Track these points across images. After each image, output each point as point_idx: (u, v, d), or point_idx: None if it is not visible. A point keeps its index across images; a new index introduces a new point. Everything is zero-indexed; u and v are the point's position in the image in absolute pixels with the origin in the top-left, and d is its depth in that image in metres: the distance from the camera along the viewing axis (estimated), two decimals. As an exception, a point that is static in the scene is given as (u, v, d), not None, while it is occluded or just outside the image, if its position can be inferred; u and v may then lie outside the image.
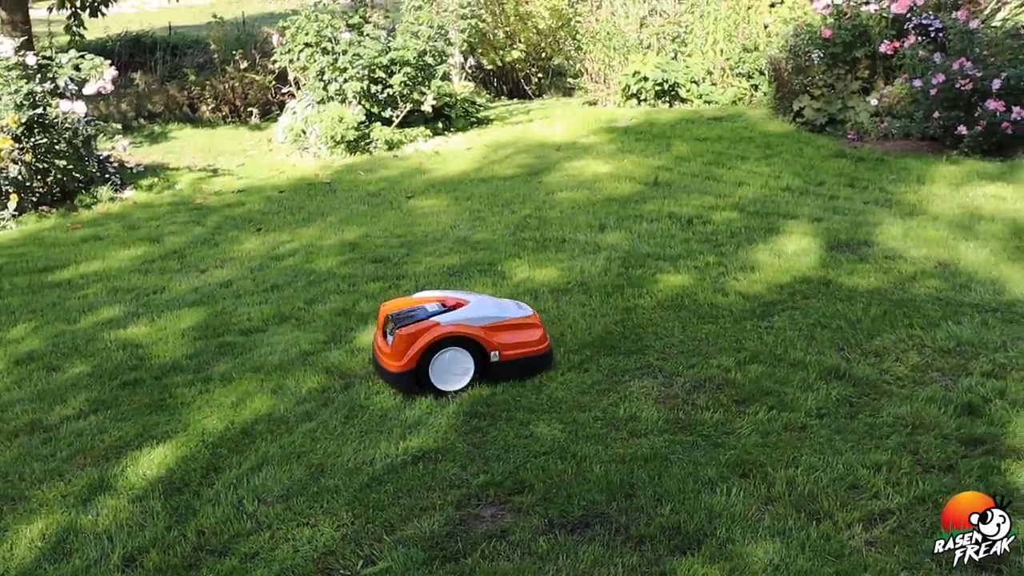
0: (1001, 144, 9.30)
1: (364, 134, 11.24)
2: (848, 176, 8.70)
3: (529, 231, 7.42)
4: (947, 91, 9.47)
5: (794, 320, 5.38)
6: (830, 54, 11.14)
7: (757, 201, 7.96)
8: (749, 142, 10.24)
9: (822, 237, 6.87)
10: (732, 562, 3.29)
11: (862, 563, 3.24)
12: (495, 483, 3.85)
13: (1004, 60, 9.48)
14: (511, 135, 11.63)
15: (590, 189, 8.66)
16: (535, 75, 16.07)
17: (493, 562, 3.35)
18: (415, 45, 11.31)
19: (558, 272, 6.38)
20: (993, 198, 7.81)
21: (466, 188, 9.06)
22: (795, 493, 3.68)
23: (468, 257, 6.82)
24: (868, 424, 4.21)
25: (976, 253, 6.42)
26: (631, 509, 3.64)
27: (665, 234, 7.14)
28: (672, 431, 4.22)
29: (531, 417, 4.40)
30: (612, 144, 10.57)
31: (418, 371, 4.62)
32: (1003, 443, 3.97)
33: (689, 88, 13.06)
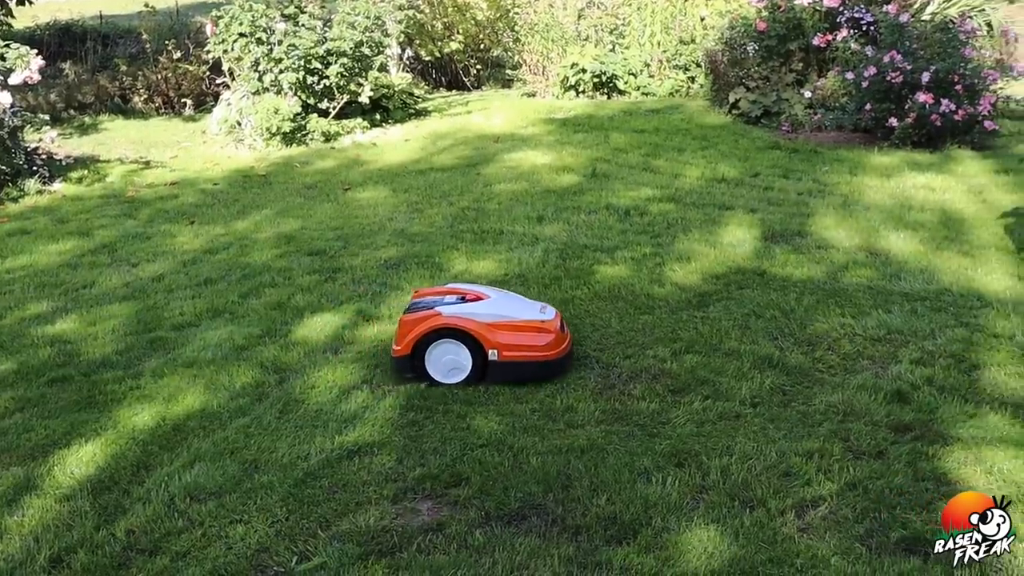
0: (931, 136, 9.48)
1: (300, 126, 11.10)
2: (783, 167, 8.80)
3: (467, 223, 7.39)
4: (878, 84, 9.62)
5: (729, 310, 5.43)
6: (765, 47, 11.27)
7: (694, 192, 8.03)
8: (686, 134, 10.32)
9: (757, 228, 6.95)
10: (667, 551, 3.30)
11: (795, 549, 3.28)
12: (432, 476, 3.83)
13: (933, 53, 9.65)
14: (450, 126, 11.58)
15: (529, 181, 8.65)
16: (474, 67, 16.02)
17: (429, 556, 3.34)
18: (352, 36, 11.18)
19: (496, 264, 6.37)
20: (923, 189, 7.96)
21: (404, 180, 9.00)
22: (729, 481, 3.71)
23: (406, 249, 6.78)
24: (801, 412, 4.26)
25: (906, 243, 6.54)
26: (568, 500, 3.64)
27: (603, 225, 7.16)
28: (609, 422, 4.24)
29: (468, 409, 4.39)
30: (551, 136, 10.58)
31: (413, 358, 4.61)
32: (931, 429, 4.04)
33: (627, 80, 13.13)
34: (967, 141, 9.49)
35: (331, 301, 5.86)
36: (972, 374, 4.57)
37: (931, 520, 3.40)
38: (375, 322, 5.50)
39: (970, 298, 5.50)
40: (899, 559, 3.21)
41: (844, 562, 3.20)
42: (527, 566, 3.26)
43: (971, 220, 7.05)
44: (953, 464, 3.77)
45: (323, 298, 5.91)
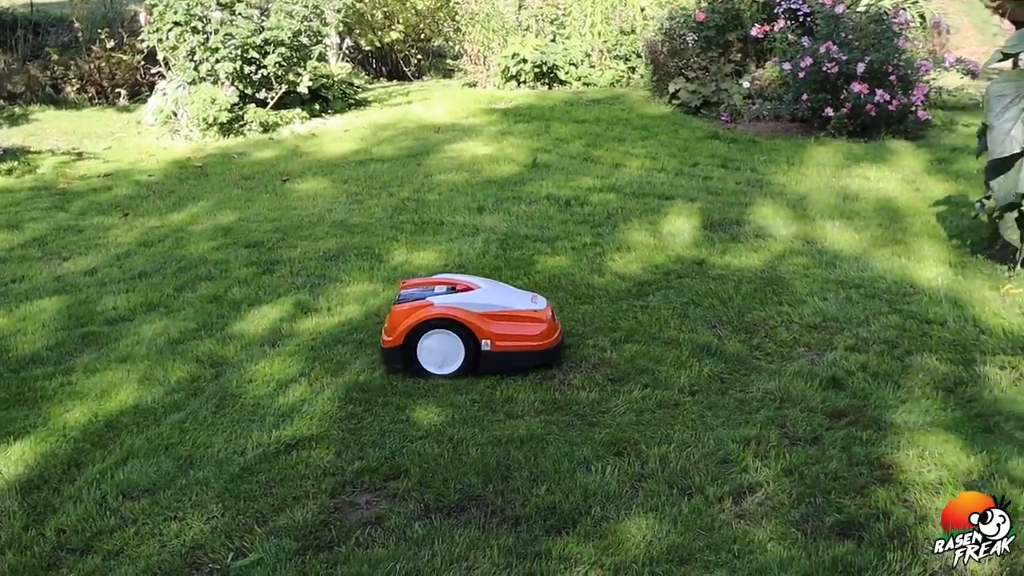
0: (866, 126, 9.64)
1: (238, 116, 10.95)
2: (722, 157, 8.88)
3: (407, 214, 7.35)
4: (815, 74, 9.76)
5: (668, 299, 5.46)
6: (704, 37, 11.37)
7: (634, 182, 8.06)
8: (627, 124, 10.36)
9: (696, 217, 7.00)
10: (606, 540, 3.31)
11: (731, 535, 3.30)
12: (370, 469, 3.80)
13: (868, 44, 9.81)
14: (390, 117, 11.50)
15: (469, 171, 8.63)
16: (415, 56, 15.95)
17: (368, 549, 3.30)
18: (290, 25, 11.04)
19: (436, 255, 6.34)
20: (858, 178, 8.08)
21: (344, 171, 8.91)
22: (668, 469, 3.73)
23: (345, 241, 6.71)
24: (738, 399, 4.30)
25: (842, 231, 6.63)
26: (507, 491, 3.63)
27: (543, 215, 7.16)
28: (548, 412, 4.23)
29: (408, 402, 4.36)
30: (492, 126, 10.55)
31: (405, 349, 4.56)
32: (865, 414, 4.10)
33: (568, 70, 13.15)
34: (901, 131, 9.65)
35: (269, 294, 5.78)
36: (905, 360, 4.65)
37: (865, 504, 3.45)
38: (314, 314, 5.44)
39: (903, 285, 5.59)
40: (834, 543, 3.25)
41: (780, 547, 3.23)
42: (466, 558, 3.24)
43: (904, 209, 7.17)
44: (886, 449, 3.82)
45: (261, 291, 5.83)
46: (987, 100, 5.41)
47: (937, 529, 3.29)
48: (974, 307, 5.25)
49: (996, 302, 5.33)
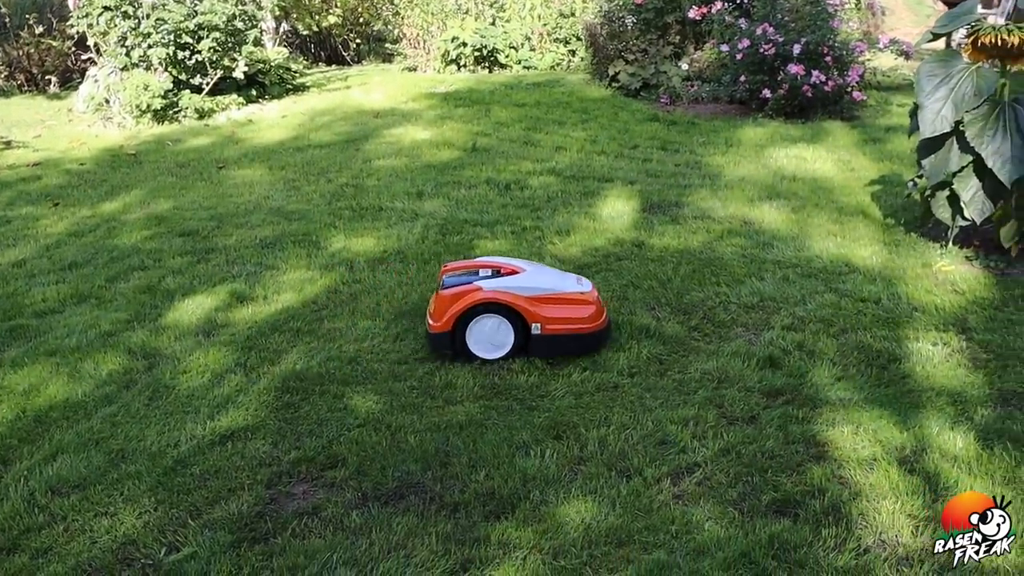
0: (803, 107, 9.73)
1: (172, 102, 10.76)
2: (661, 139, 8.91)
3: (346, 200, 7.27)
4: (752, 56, 9.83)
5: (608, 281, 5.46)
6: (643, 19, 11.39)
7: (574, 165, 8.06)
8: (567, 107, 10.35)
9: (636, 200, 7.01)
10: (545, 524, 3.30)
11: (670, 516, 3.31)
12: (307, 459, 3.75)
13: (804, 26, 9.89)
14: (329, 102, 11.37)
15: (409, 156, 8.56)
16: (353, 41, 15.79)
17: (304, 540, 3.26)
18: (223, 9, 10.86)
19: (375, 241, 6.28)
20: (795, 158, 8.15)
21: (281, 157, 8.80)
22: (607, 452, 3.73)
23: (282, 228, 6.62)
24: (677, 380, 4.31)
25: (779, 212, 6.69)
26: (446, 477, 3.60)
27: (483, 200, 7.13)
28: (488, 397, 4.21)
29: (345, 390, 4.31)
30: (432, 110, 10.48)
31: (454, 334, 4.49)
32: (801, 393, 4.14)
33: (508, 54, 13.11)
34: (837, 112, 9.77)
35: (204, 283, 5.68)
36: (840, 338, 4.70)
37: (801, 482, 3.48)
38: (250, 303, 5.36)
39: (839, 264, 5.65)
40: (770, 521, 3.27)
41: (717, 526, 3.24)
42: (404, 545, 3.21)
43: (840, 188, 7.25)
44: (822, 426, 3.86)
45: (195, 280, 5.73)
46: (918, 80, 5.47)
47: (871, 505, 3.34)
48: (907, 285, 5.33)
49: (929, 279, 5.41)
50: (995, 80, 5.29)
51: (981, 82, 5.26)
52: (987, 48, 5.28)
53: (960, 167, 5.45)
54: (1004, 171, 5.14)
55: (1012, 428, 3.79)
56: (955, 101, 5.29)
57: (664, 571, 3.02)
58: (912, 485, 3.44)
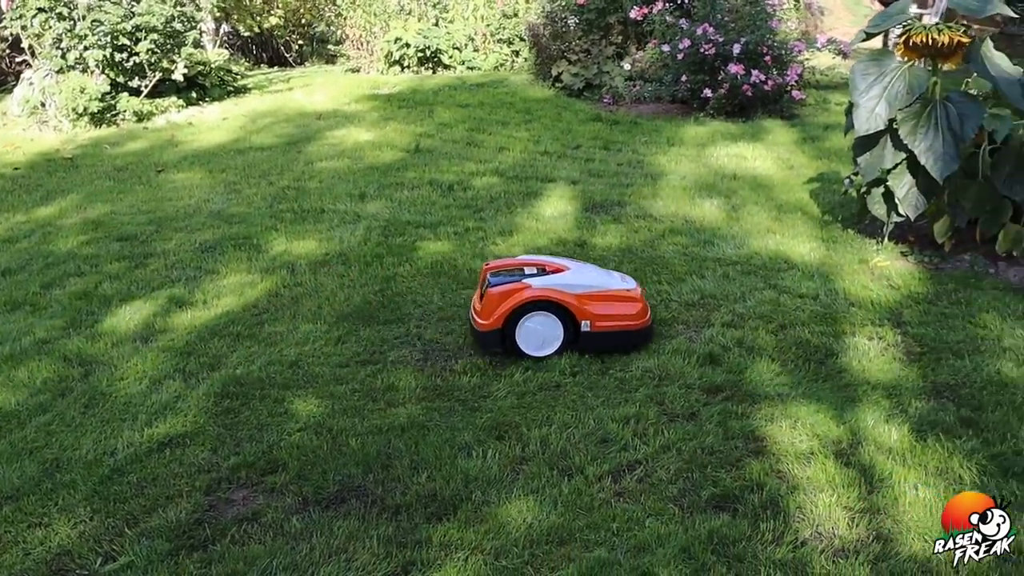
0: (743, 106, 9.84)
1: (110, 105, 10.58)
2: (603, 139, 8.96)
3: (287, 202, 7.20)
4: (693, 56, 9.92)
5: (550, 281, 5.47)
6: (585, 20, 11.43)
7: (517, 166, 8.07)
8: (510, 107, 10.36)
9: (578, 199, 7.04)
10: (487, 524, 3.30)
11: (611, 514, 3.33)
12: (247, 464, 3.71)
13: (743, 26, 10.01)
14: (270, 104, 11.27)
15: (351, 158, 8.51)
16: (296, 42, 15.66)
17: (244, 546, 3.22)
18: (161, 10, 10.71)
19: (317, 243, 6.23)
20: (736, 157, 8.24)
21: (221, 160, 8.69)
22: (548, 451, 3.73)
23: (222, 231, 6.54)
24: (618, 379, 4.33)
25: (719, 209, 6.76)
26: (388, 480, 3.59)
27: (426, 201, 7.11)
28: (430, 398, 4.20)
29: (286, 394, 4.27)
30: (375, 112, 10.44)
31: (504, 332, 4.47)
32: (740, 389, 4.19)
33: (452, 54, 13.10)
34: (776, 110, 9.89)
35: (142, 288, 5.59)
36: (779, 334, 4.76)
37: (740, 477, 3.52)
38: (189, 308, 5.29)
39: (778, 261, 5.72)
40: (710, 516, 3.30)
41: (658, 523, 3.27)
42: (345, 549, 3.19)
43: (779, 186, 7.34)
44: (761, 421, 3.91)
45: (133, 285, 5.64)
46: (852, 79, 5.55)
47: (808, 498, 3.38)
48: (844, 280, 5.41)
49: (865, 275, 5.50)
50: (927, 78, 5.39)
51: (913, 80, 5.35)
52: (918, 47, 5.37)
53: (894, 164, 5.54)
54: (936, 168, 5.24)
55: (944, 420, 3.87)
56: (888, 99, 5.38)
57: (605, 568, 3.04)
58: (848, 477, 3.50)
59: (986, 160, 5.57)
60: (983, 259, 5.66)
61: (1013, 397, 4.05)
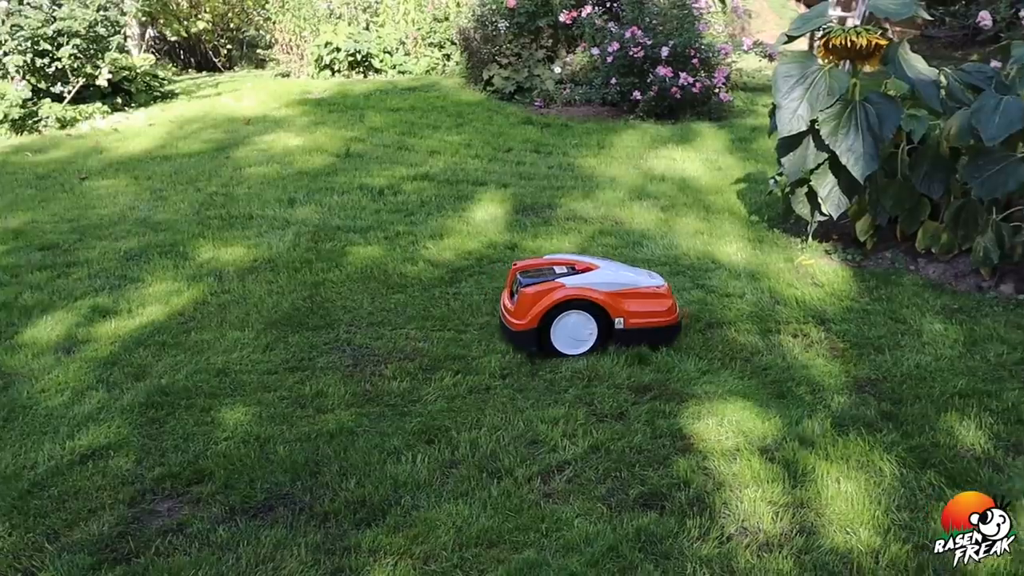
0: (672, 108, 9.95)
1: (31, 112, 10.34)
2: (535, 142, 8.99)
3: (215, 209, 7.11)
4: (622, 59, 10.00)
5: (481, 285, 5.49)
6: (515, 23, 11.45)
7: (448, 170, 8.06)
8: (442, 111, 10.35)
9: (509, 202, 7.06)
10: (416, 529, 3.29)
11: (540, 515, 3.34)
12: (172, 475, 3.65)
13: (671, 29, 10.12)
14: (198, 110, 11.11)
15: (281, 163, 8.43)
16: (224, 47, 15.46)
17: (168, 558, 3.17)
18: (84, 15, 10.49)
19: (245, 250, 6.16)
20: (665, 159, 8.33)
21: (147, 167, 8.54)
22: (478, 454, 3.74)
23: (148, 239, 6.43)
24: (548, 380, 4.35)
25: (649, 211, 6.83)
26: (316, 487, 3.56)
27: (356, 206, 7.07)
28: (359, 404, 4.17)
29: (213, 403, 4.21)
30: (305, 116, 10.34)
31: (540, 331, 4.50)
32: (668, 388, 4.23)
33: (383, 58, 13.03)
34: (705, 112, 10.02)
35: (64, 298, 5.47)
36: (707, 333, 4.82)
37: (667, 475, 3.56)
38: (113, 317, 5.19)
39: (705, 261, 5.80)
40: (638, 514, 3.33)
41: (586, 522, 3.29)
42: (273, 558, 3.16)
43: (707, 187, 7.43)
44: (688, 420, 3.95)
45: (55, 295, 5.51)
46: (775, 81, 5.65)
47: (733, 494, 3.43)
48: (770, 279, 5.50)
49: (790, 274, 5.60)
50: (847, 80, 5.50)
51: (834, 82, 5.46)
52: (838, 49, 5.48)
53: (817, 164, 5.64)
54: (857, 167, 5.34)
55: (866, 414, 3.96)
56: (810, 101, 5.48)
57: (534, 569, 3.05)
58: (772, 473, 3.56)
59: (904, 160, 5.71)
60: (903, 256, 5.79)
61: (931, 390, 4.16)
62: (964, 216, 5.49)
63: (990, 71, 5.64)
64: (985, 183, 5.14)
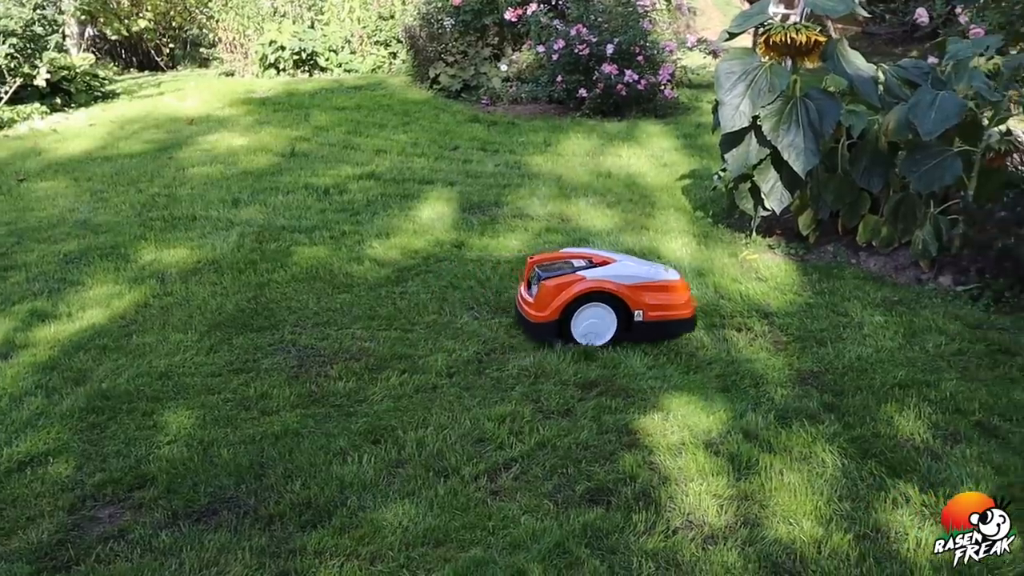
0: (618, 105, 10.00)
1: (-33, 113, 10.13)
2: (481, 140, 8.99)
3: (157, 210, 7.01)
4: (568, 56, 10.03)
5: (427, 284, 5.47)
6: (461, 21, 11.44)
7: (394, 168, 8.02)
8: (388, 110, 10.30)
9: (456, 201, 7.04)
10: (363, 529, 3.27)
11: (487, 513, 3.34)
12: (113, 480, 3.59)
13: (616, 27, 10.17)
14: (140, 110, 10.94)
15: (225, 163, 8.33)
16: (167, 46, 15.25)
17: (110, 565, 3.12)
18: (20, 13, 10.29)
19: (188, 251, 6.08)
20: (611, 156, 8.37)
21: (88, 168, 8.40)
22: (425, 453, 3.72)
23: (89, 242, 6.32)
24: (495, 379, 4.35)
25: (595, 208, 6.85)
26: (261, 489, 3.52)
27: (301, 206, 7.01)
28: (305, 405, 4.14)
29: (156, 406, 4.15)
30: (249, 116, 10.24)
31: (560, 323, 4.56)
32: (614, 384, 4.25)
33: (328, 57, 12.95)
34: (651, 110, 10.08)
35: (1, 303, 5.35)
36: (653, 328, 4.85)
37: (613, 470, 3.57)
38: (53, 321, 5.09)
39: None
40: (584, 509, 3.34)
41: (533, 519, 3.29)
42: (216, 563, 3.12)
43: (653, 184, 7.48)
44: (634, 415, 3.97)
45: (-8, 299, 5.41)
46: (717, 78, 5.69)
47: (679, 488, 3.46)
48: (715, 274, 5.55)
49: (735, 268, 5.65)
50: (788, 76, 5.56)
51: (775, 79, 5.51)
52: (778, 46, 5.54)
53: (759, 160, 5.71)
54: (798, 163, 5.41)
55: (808, 406, 4.01)
56: (752, 97, 5.53)
57: (481, 567, 3.04)
58: (717, 466, 3.59)
59: (845, 154, 5.79)
60: (845, 249, 5.88)
61: (872, 381, 4.23)
62: (903, 209, 5.59)
63: (926, 67, 5.74)
64: (923, 177, 5.23)
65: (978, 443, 3.73)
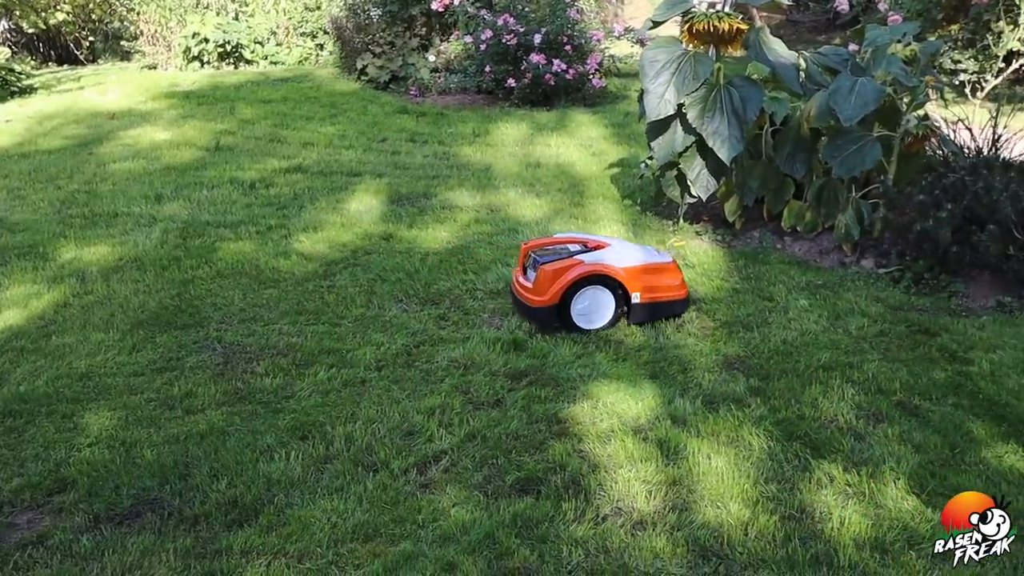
0: (547, 95, 10.01)
1: None
2: (410, 131, 8.93)
3: (77, 207, 6.84)
4: (495, 46, 10.01)
5: (355, 277, 5.42)
6: (388, 12, 11.37)
7: (322, 161, 7.94)
8: (315, 102, 10.19)
9: (384, 193, 6.99)
10: (290, 527, 3.22)
11: (416, 506, 3.31)
12: (32, 485, 3.49)
13: (544, 16, 10.18)
14: (59, 105, 10.67)
15: (147, 158, 8.16)
16: (87, 39, 14.89)
17: (28, 572, 3.03)
18: (-70, 6, 9.97)
19: (109, 249, 5.94)
20: (541, 145, 8.37)
21: (4, 165, 8.17)
22: (353, 448, 3.69)
23: (5, 240, 6.15)
24: (424, 371, 4.32)
25: (524, 198, 6.85)
26: (186, 490, 3.45)
27: (227, 200, 6.90)
28: (230, 403, 4.07)
29: (76, 408, 4.05)
30: (173, 110, 10.05)
31: (560, 307, 4.59)
32: (544, 373, 4.25)
33: (254, 49, 12.77)
34: (580, 99, 10.11)
35: (-87, 305, 5.20)
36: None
37: (543, 460, 3.57)
38: (-33, 324, 4.95)
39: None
40: (514, 500, 3.33)
41: (463, 511, 3.27)
42: (140, 565, 3.05)
43: (583, 173, 7.50)
44: (564, 404, 3.98)
45: (-97, 302, 5.23)
46: (642, 66, 5.72)
47: (608, 475, 3.47)
48: (643, 262, 5.57)
49: (663, 255, 5.68)
50: (711, 64, 5.60)
51: (699, 66, 5.55)
52: (701, 34, 5.58)
53: (685, 147, 5.75)
54: (723, 150, 5.46)
55: (735, 390, 4.05)
56: (677, 85, 5.56)
57: (410, 561, 3.02)
58: (646, 452, 3.61)
59: (768, 141, 5.86)
60: (771, 235, 5.95)
61: (797, 364, 4.29)
62: (826, 194, 5.67)
63: (846, 53, 5.83)
64: (844, 162, 5.31)
65: (899, 422, 3.80)
